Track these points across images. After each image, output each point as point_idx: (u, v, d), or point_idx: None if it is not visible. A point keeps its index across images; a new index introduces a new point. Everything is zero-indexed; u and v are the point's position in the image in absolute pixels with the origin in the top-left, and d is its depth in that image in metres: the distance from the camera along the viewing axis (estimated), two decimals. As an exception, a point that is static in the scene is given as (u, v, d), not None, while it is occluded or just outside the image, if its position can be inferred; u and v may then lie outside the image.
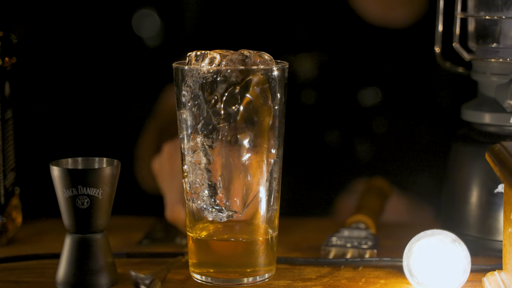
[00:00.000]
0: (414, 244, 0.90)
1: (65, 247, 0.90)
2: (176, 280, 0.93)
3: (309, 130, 1.29)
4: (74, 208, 0.89)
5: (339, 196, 1.36)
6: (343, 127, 1.37)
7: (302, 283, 0.92)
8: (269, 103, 0.89)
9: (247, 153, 0.88)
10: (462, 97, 1.06)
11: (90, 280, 0.89)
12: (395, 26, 1.37)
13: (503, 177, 0.84)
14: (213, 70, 0.87)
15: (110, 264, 0.91)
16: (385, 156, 1.38)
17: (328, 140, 1.38)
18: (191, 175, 0.90)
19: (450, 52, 1.06)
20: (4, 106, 1.04)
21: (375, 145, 1.38)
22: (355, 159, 1.38)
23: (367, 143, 1.38)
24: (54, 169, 0.89)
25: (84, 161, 0.92)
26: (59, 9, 1.40)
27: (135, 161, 1.32)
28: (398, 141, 1.38)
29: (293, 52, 1.29)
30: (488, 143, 0.97)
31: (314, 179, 1.38)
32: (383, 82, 1.37)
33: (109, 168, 0.89)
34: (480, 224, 1.00)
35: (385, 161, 1.38)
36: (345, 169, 1.37)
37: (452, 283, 0.88)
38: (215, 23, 1.36)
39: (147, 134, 1.32)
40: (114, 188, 0.90)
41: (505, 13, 1.00)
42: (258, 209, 0.90)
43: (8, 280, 0.91)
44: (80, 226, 0.89)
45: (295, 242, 1.05)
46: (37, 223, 1.13)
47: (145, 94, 1.36)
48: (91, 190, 0.88)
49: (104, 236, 0.91)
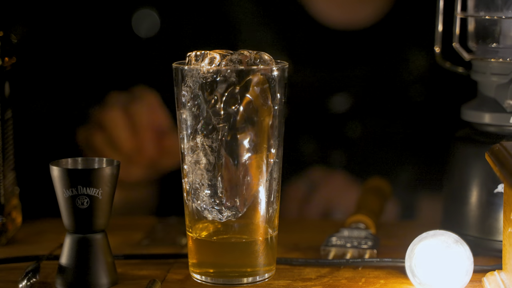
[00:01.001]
0: (417, 245, 0.90)
1: (65, 247, 0.90)
2: (176, 280, 0.93)
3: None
4: (74, 208, 0.88)
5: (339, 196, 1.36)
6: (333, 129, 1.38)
7: (302, 283, 0.92)
8: (269, 103, 0.89)
9: (247, 153, 0.88)
10: (462, 97, 1.06)
11: (90, 280, 0.89)
12: (360, 27, 1.37)
13: (503, 177, 0.84)
14: (213, 70, 0.87)
15: (110, 264, 0.91)
16: (385, 156, 1.38)
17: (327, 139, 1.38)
18: (191, 175, 0.90)
19: (450, 52, 1.06)
20: (4, 106, 1.04)
21: (375, 145, 1.38)
22: (354, 159, 1.38)
23: (365, 143, 1.38)
24: (54, 169, 0.89)
25: (84, 161, 0.92)
26: (59, 9, 1.40)
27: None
28: (397, 141, 1.38)
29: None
30: (488, 143, 0.97)
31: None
32: (378, 80, 1.37)
33: (109, 168, 0.89)
34: (480, 224, 1.00)
35: (385, 161, 1.38)
36: (344, 169, 1.37)
37: (455, 284, 0.88)
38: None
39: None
40: (114, 188, 0.90)
41: (505, 13, 1.00)
42: (258, 209, 0.90)
43: (8, 280, 0.91)
44: (80, 226, 0.89)
45: (295, 242, 1.05)
46: (37, 223, 1.13)
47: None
48: (91, 190, 0.88)
49: (104, 236, 0.91)
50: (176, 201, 1.02)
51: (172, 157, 1.28)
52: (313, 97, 1.36)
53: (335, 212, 1.28)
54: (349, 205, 1.20)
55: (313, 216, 1.28)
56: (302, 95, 1.33)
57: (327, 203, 1.29)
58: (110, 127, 1.25)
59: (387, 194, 1.18)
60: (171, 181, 1.26)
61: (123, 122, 1.26)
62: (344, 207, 1.27)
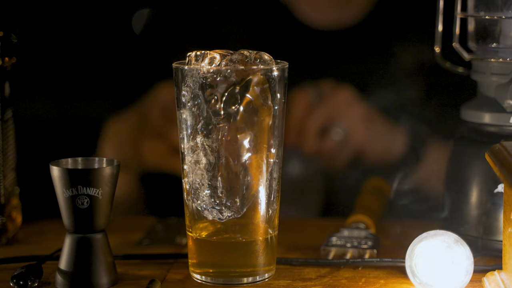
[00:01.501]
0: (417, 245, 0.90)
1: (65, 247, 0.90)
2: (176, 280, 0.93)
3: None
4: (74, 208, 0.89)
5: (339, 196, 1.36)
6: None
7: (302, 283, 0.92)
8: (269, 103, 0.89)
9: (247, 153, 0.88)
10: (462, 97, 1.06)
11: (90, 279, 0.89)
12: (345, 26, 1.37)
13: (503, 177, 0.84)
14: (213, 70, 0.87)
15: (110, 264, 0.91)
16: (384, 156, 1.38)
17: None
18: (191, 175, 0.90)
19: (450, 52, 1.06)
20: (4, 106, 1.04)
21: (374, 146, 1.38)
22: (354, 159, 1.38)
23: (364, 143, 1.38)
24: (54, 169, 0.89)
25: (84, 161, 0.92)
26: (59, 9, 1.40)
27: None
28: (397, 141, 1.38)
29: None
30: (488, 143, 0.97)
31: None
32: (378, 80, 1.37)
33: (109, 168, 0.89)
34: (480, 224, 1.00)
35: (385, 161, 1.37)
36: (345, 169, 1.37)
37: (455, 284, 0.88)
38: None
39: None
40: (114, 188, 0.90)
41: (505, 13, 1.00)
42: (258, 209, 0.90)
43: (8, 280, 0.91)
44: (80, 226, 0.89)
45: (295, 242, 1.05)
46: (37, 223, 1.13)
47: (145, 94, 1.36)
48: (91, 190, 0.88)
49: (104, 236, 0.91)
50: (176, 201, 1.02)
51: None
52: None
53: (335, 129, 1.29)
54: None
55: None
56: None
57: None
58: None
59: (387, 194, 1.18)
60: (171, 181, 1.26)
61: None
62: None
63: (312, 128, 1.29)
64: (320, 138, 1.29)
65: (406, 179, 1.28)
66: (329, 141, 1.29)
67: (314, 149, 1.30)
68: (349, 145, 1.30)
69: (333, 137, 1.30)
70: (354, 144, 1.30)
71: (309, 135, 1.29)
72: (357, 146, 1.30)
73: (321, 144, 1.29)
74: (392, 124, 1.32)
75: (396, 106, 1.35)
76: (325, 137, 1.30)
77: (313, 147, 1.29)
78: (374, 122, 1.31)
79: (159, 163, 1.30)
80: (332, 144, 1.30)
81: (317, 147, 1.29)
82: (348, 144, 1.30)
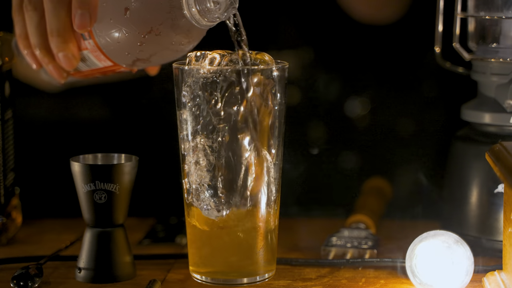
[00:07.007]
0: (417, 245, 0.90)
1: (85, 241, 0.92)
2: (176, 280, 0.93)
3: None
4: (92, 203, 0.91)
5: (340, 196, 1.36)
6: (334, 129, 1.37)
7: (302, 283, 0.92)
8: (269, 103, 0.89)
9: (247, 153, 0.88)
10: (462, 97, 1.06)
11: (109, 272, 0.91)
12: (383, 23, 1.36)
13: (503, 177, 0.84)
14: (213, 70, 0.87)
15: (129, 257, 0.93)
16: (384, 156, 1.38)
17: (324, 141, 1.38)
18: (191, 175, 0.90)
19: (450, 52, 1.06)
20: (4, 106, 1.04)
21: (374, 145, 1.38)
22: (354, 160, 1.38)
23: (364, 143, 1.38)
24: (74, 164, 0.91)
25: (104, 157, 0.95)
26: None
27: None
28: (397, 141, 1.38)
29: (277, 48, 1.29)
30: (488, 143, 0.97)
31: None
32: (378, 80, 1.37)
33: (125, 164, 0.92)
34: (480, 224, 1.00)
35: (384, 161, 1.37)
36: (344, 170, 1.37)
37: (455, 284, 0.88)
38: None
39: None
40: (131, 183, 0.92)
41: (505, 13, 1.00)
42: (258, 209, 0.90)
43: (8, 280, 0.91)
44: (98, 220, 0.92)
45: (295, 242, 1.05)
46: (37, 223, 1.13)
47: (146, 94, 1.36)
48: (108, 185, 0.90)
49: (122, 230, 0.93)
50: (176, 201, 1.02)
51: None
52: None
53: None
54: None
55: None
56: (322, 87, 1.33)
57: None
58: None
59: (387, 194, 1.18)
60: (171, 181, 1.26)
61: None
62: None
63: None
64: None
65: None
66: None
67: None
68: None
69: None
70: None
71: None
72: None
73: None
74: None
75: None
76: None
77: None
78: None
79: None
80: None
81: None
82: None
